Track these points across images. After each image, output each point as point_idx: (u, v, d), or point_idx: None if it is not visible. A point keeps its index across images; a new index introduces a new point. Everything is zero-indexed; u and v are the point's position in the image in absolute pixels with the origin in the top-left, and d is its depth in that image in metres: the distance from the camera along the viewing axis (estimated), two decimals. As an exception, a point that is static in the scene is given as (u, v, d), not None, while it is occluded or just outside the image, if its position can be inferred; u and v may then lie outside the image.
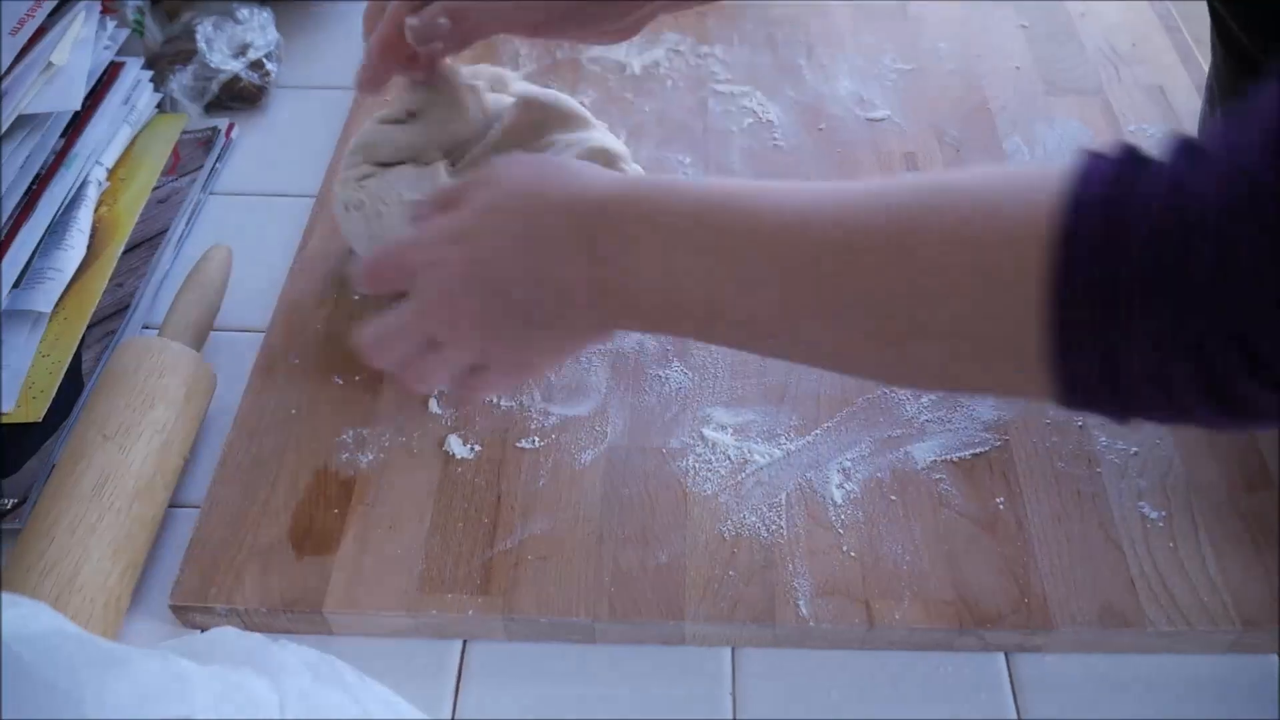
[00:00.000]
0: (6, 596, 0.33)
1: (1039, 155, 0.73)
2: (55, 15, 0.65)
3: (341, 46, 0.85)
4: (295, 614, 0.53)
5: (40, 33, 0.63)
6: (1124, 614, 0.52)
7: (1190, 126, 0.74)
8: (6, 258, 0.62)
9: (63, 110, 0.65)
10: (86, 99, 0.66)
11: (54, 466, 0.55)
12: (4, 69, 0.60)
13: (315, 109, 0.79)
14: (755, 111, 0.77)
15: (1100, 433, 0.58)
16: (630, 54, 0.82)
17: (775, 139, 0.75)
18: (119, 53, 0.72)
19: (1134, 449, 0.58)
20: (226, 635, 0.41)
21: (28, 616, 0.34)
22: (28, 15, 0.63)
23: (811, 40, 0.83)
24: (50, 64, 0.64)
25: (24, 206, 0.64)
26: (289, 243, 0.69)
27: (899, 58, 0.81)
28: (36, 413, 0.59)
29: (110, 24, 0.71)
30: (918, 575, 0.53)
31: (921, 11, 0.85)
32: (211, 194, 0.73)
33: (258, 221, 0.72)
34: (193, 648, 0.40)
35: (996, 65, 0.80)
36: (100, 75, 0.70)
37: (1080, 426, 0.59)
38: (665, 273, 0.43)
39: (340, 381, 0.62)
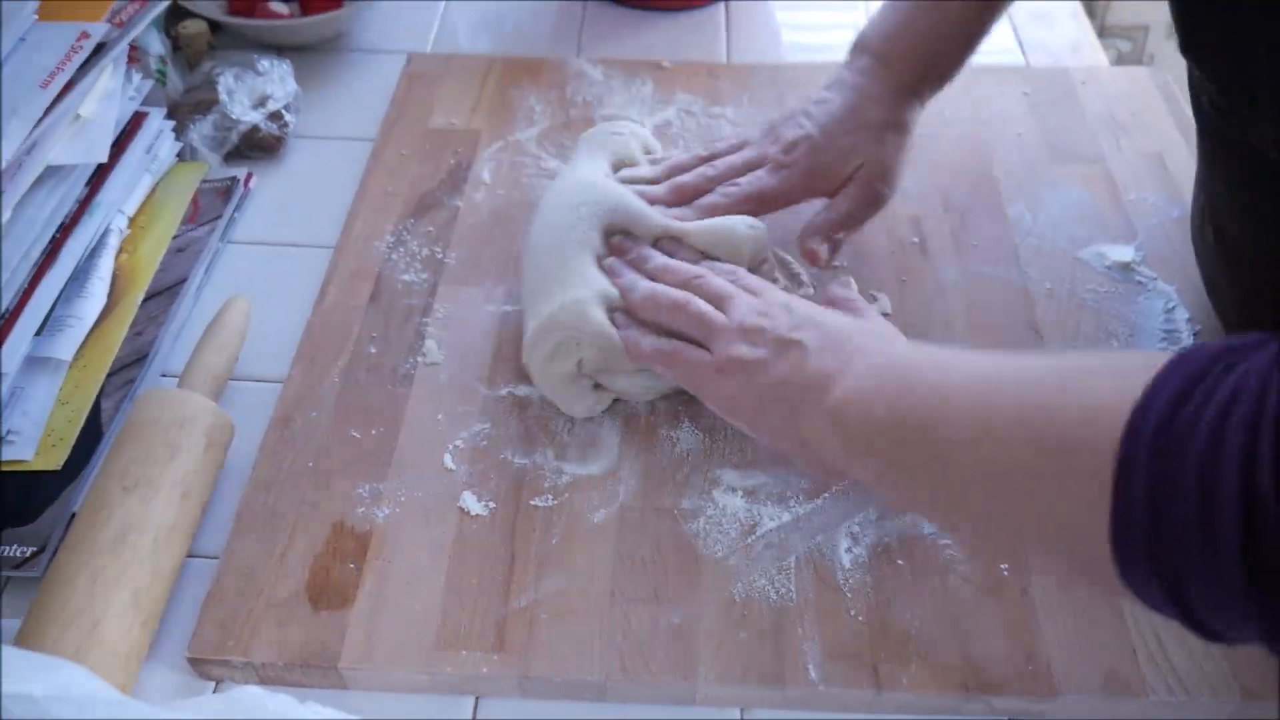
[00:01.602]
0: (50, 659, 0.34)
1: (1042, 221, 0.75)
2: (84, 68, 0.66)
3: (358, 97, 0.86)
4: (311, 669, 0.53)
5: (69, 85, 0.65)
6: (1127, 682, 0.53)
7: (1186, 193, 0.76)
8: (29, 305, 0.62)
9: (90, 162, 0.66)
10: (111, 149, 0.67)
11: (75, 516, 0.55)
12: (35, 122, 0.61)
13: (332, 159, 0.81)
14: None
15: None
16: (643, 113, 0.83)
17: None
18: (142, 103, 0.73)
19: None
20: (252, 696, 0.42)
21: (68, 681, 0.34)
22: (58, 68, 0.64)
23: (820, 102, 0.84)
24: (78, 116, 0.65)
25: (47, 255, 0.64)
26: (305, 293, 0.71)
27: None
28: (56, 461, 0.60)
29: (136, 76, 0.72)
30: (925, 640, 0.54)
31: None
32: (229, 243, 0.74)
33: (275, 271, 0.73)
34: (220, 708, 0.41)
35: (1000, 131, 0.82)
36: (124, 125, 0.71)
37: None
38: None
39: (357, 435, 0.62)
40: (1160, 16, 1.40)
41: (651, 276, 0.62)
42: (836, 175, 0.67)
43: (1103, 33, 0.97)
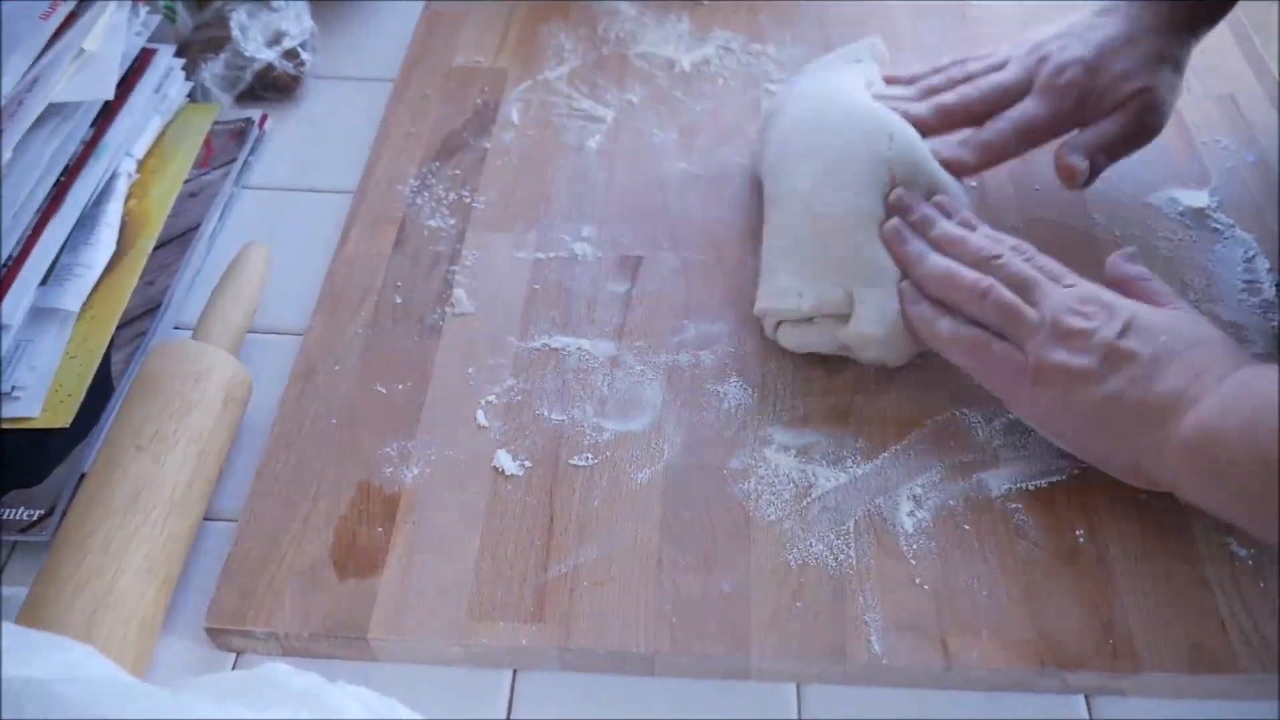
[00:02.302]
0: (55, 639, 0.30)
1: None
2: (87, -1, 0.62)
3: (377, 35, 0.82)
4: (337, 640, 0.50)
5: (71, 18, 0.60)
6: (1215, 657, 0.49)
7: (1262, 137, 0.72)
8: (34, 253, 0.59)
9: (95, 99, 0.61)
10: (117, 87, 0.63)
11: (85, 477, 0.52)
12: (35, 56, 0.57)
13: (351, 101, 0.76)
14: (811, 113, 0.74)
15: (1183, 462, 0.55)
16: (679, 50, 0.79)
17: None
18: (149, 40, 0.69)
19: (1219, 480, 0.55)
20: (278, 673, 0.38)
21: (76, 662, 0.31)
22: (59, -2, 0.60)
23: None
24: (82, 50, 0.61)
25: (51, 199, 0.60)
26: (325, 241, 0.66)
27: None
28: (64, 418, 0.56)
29: (142, 10, 0.68)
30: (995, 611, 0.50)
31: (981, 13, 0.82)
32: (244, 188, 0.70)
33: (292, 218, 0.69)
34: (243, 687, 0.37)
35: (1060, 71, 0.77)
36: (131, 63, 0.67)
37: (1161, 455, 0.56)
38: None
39: (383, 390, 0.59)
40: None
41: (938, 245, 0.57)
42: (1110, 101, 0.62)
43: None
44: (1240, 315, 0.62)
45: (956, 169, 0.62)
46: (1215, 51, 0.78)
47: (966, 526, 0.53)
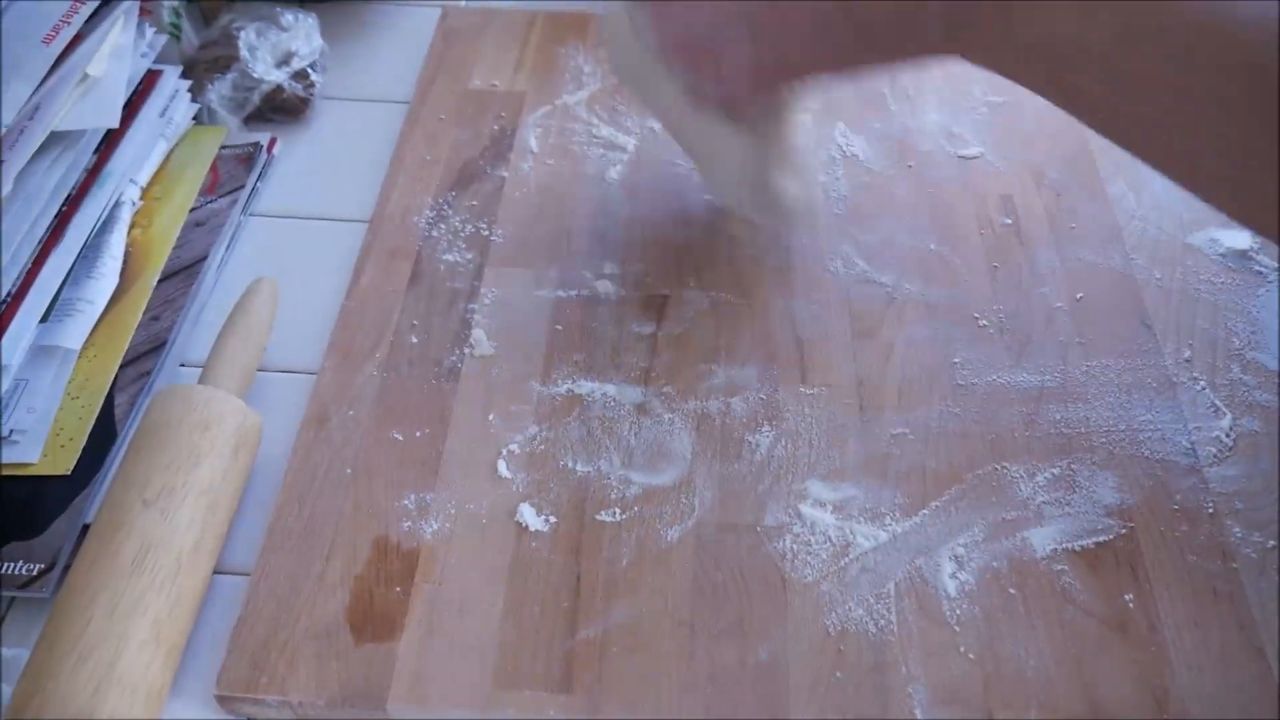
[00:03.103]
0: None
1: (1146, 201, 0.68)
2: (91, 21, 0.59)
3: (390, 54, 0.79)
4: (355, 709, 0.47)
5: (75, 41, 0.57)
6: (1272, 734, 0.47)
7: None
8: (34, 288, 0.56)
9: (100, 128, 0.59)
10: (122, 112, 0.60)
11: (88, 531, 0.49)
12: (38, 82, 0.54)
13: (363, 123, 0.73)
14: (839, 144, 0.71)
15: (1234, 523, 0.53)
16: (702, 75, 0.76)
17: (863, 177, 0.70)
18: (155, 60, 0.66)
19: (1271, 542, 0.53)
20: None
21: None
22: (62, 22, 0.57)
23: (895, 66, 0.77)
24: (86, 76, 0.58)
25: (53, 230, 0.58)
26: (338, 273, 0.64)
27: (989, 89, 0.75)
28: (65, 464, 0.53)
29: (149, 31, 0.65)
30: (1044, 683, 0.48)
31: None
32: (252, 215, 0.67)
33: (303, 248, 0.66)
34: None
35: (1094, 101, 0.75)
36: (136, 85, 0.64)
37: (1211, 514, 0.54)
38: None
39: (400, 437, 0.56)
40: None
41: None
42: None
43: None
44: (1288, 365, 0.60)
45: None
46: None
47: (1012, 590, 0.51)
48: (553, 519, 0.53)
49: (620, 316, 0.62)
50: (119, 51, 0.60)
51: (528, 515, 0.53)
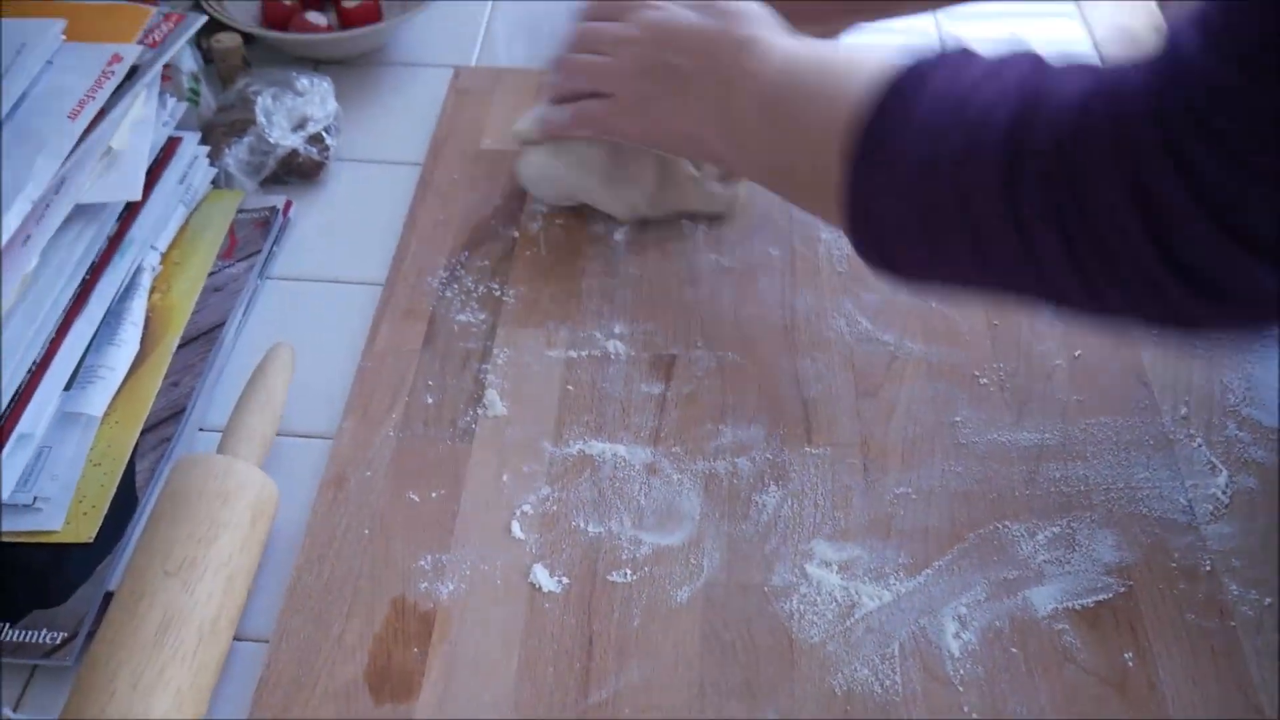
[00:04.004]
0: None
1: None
2: (115, 94, 0.60)
3: (402, 115, 0.81)
4: (375, 771, 0.49)
5: (99, 115, 0.59)
6: (1272, 793, 0.48)
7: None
8: (58, 357, 0.57)
9: (123, 200, 0.60)
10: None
11: (111, 600, 0.50)
12: (64, 157, 0.56)
13: (377, 185, 0.75)
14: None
15: (1231, 580, 0.54)
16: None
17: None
18: (175, 126, 0.68)
19: (1268, 599, 0.54)
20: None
21: None
22: (88, 96, 0.59)
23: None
24: (110, 149, 0.60)
25: (76, 299, 0.59)
26: (353, 335, 0.65)
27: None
28: (88, 532, 0.55)
29: (170, 100, 0.67)
30: (1047, 742, 0.49)
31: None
32: (268, 279, 0.69)
33: (319, 310, 0.68)
34: None
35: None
36: (157, 154, 0.66)
37: (1208, 571, 0.55)
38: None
39: (416, 498, 0.57)
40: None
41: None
42: None
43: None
44: (1283, 422, 0.61)
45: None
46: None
47: (1014, 649, 0.52)
48: (565, 580, 0.54)
49: (629, 376, 0.63)
50: (141, 124, 0.62)
51: (541, 576, 0.54)
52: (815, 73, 0.56)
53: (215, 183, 0.71)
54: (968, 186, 0.47)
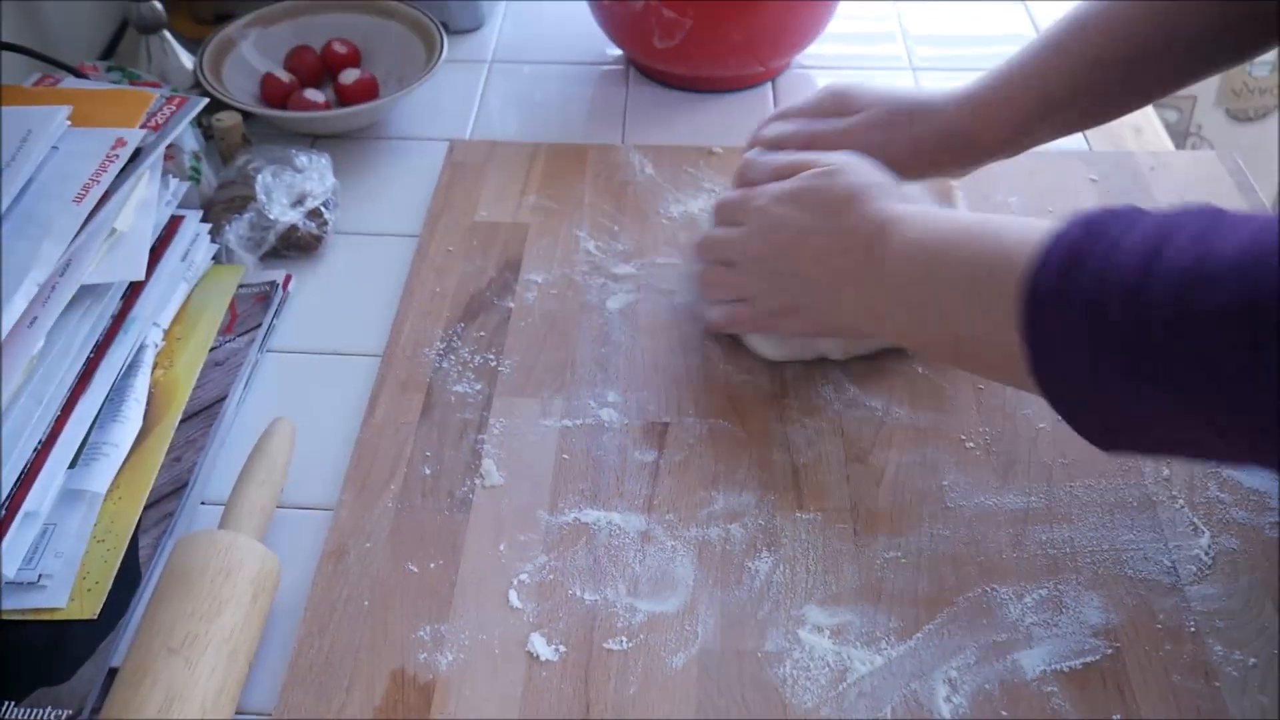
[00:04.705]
0: None
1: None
2: (119, 176, 0.62)
3: (399, 188, 0.83)
4: (376, 846, 0.49)
5: (104, 197, 0.61)
6: None
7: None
8: (63, 435, 0.58)
9: (127, 280, 0.62)
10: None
11: (115, 678, 0.51)
12: (69, 241, 0.58)
13: (374, 257, 0.77)
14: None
15: (1216, 641, 0.55)
16: (696, 204, 0.80)
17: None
18: (177, 205, 0.70)
19: (1252, 660, 0.55)
20: None
21: None
22: (93, 179, 0.61)
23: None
24: (114, 230, 0.61)
25: (81, 378, 0.60)
26: (352, 407, 0.67)
27: (970, 208, 0.79)
28: (92, 609, 0.55)
29: (172, 181, 0.68)
30: (1038, 806, 0.50)
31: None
32: (268, 351, 0.71)
33: (318, 383, 0.69)
34: None
35: (1070, 222, 0.78)
36: (159, 233, 0.68)
37: (1193, 633, 0.56)
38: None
39: (414, 569, 0.58)
40: (1209, 84, 1.37)
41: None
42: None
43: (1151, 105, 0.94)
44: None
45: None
46: (1218, 197, 0.79)
47: (1004, 712, 0.53)
48: (562, 648, 0.55)
49: (623, 444, 0.64)
50: (144, 205, 0.64)
51: (539, 645, 0.55)
52: (962, 245, 0.54)
53: (216, 258, 0.73)
54: (1203, 347, 0.43)
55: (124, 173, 0.63)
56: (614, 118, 0.90)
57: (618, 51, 0.96)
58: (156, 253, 0.67)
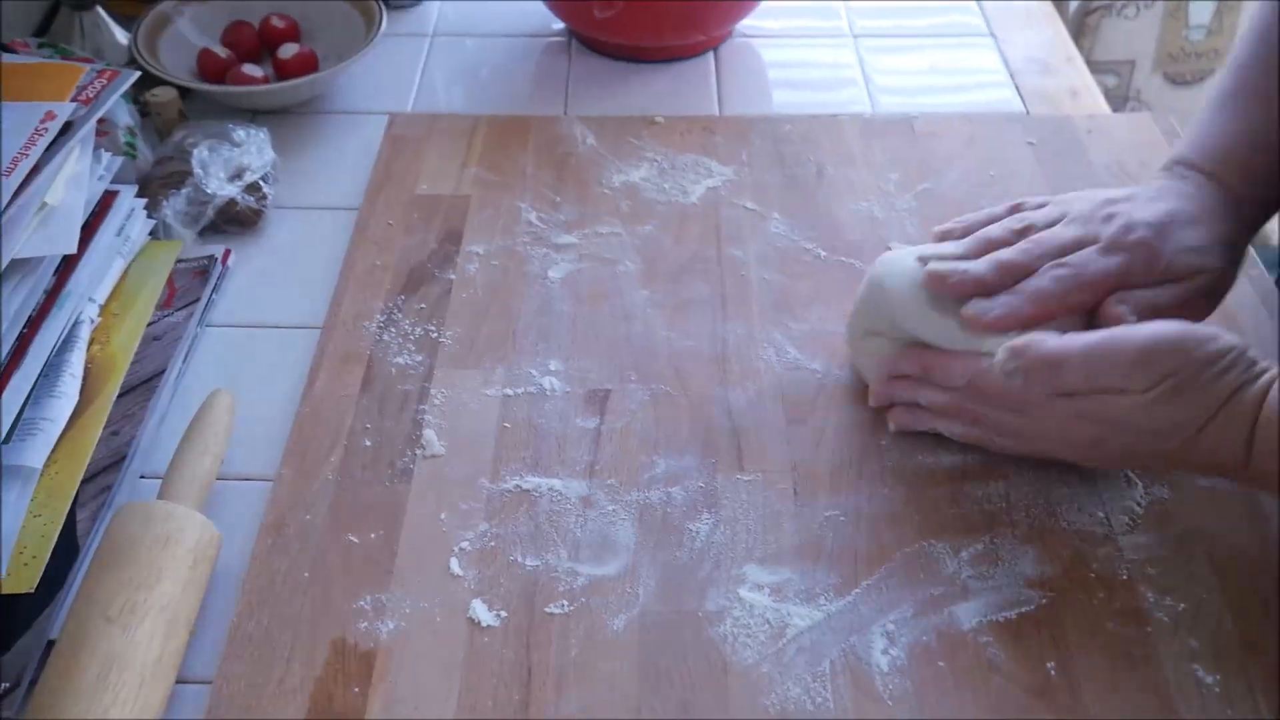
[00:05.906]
0: None
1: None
2: (50, 150, 0.62)
3: (339, 162, 0.82)
4: (317, 811, 0.49)
5: (35, 170, 0.60)
6: (1189, 792, 0.50)
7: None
8: (-3, 411, 0.58)
9: (58, 254, 0.61)
10: (80, 234, 0.63)
11: (53, 649, 0.51)
12: (-2, 214, 0.57)
13: (314, 231, 0.77)
14: (772, 234, 0.75)
15: (1147, 588, 0.57)
16: (639, 175, 0.80)
17: (794, 266, 0.73)
18: (112, 179, 0.69)
19: (1182, 605, 0.56)
20: None
21: None
22: (22, 153, 0.60)
23: (821, 158, 0.81)
24: (45, 204, 0.61)
25: (14, 353, 0.60)
26: (292, 380, 0.66)
27: (910, 176, 0.80)
28: (29, 582, 0.55)
29: (105, 155, 0.68)
30: (973, 752, 0.51)
31: (928, 128, 0.84)
32: (208, 326, 0.70)
33: (258, 356, 0.69)
34: None
35: (1009, 186, 0.79)
36: (94, 207, 0.67)
37: (1125, 581, 0.57)
38: None
39: (355, 540, 0.58)
40: (1146, 49, 1.38)
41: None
42: (1173, 270, 0.61)
43: (1088, 68, 0.95)
44: None
45: (1010, 322, 0.59)
46: (1154, 160, 0.80)
47: (941, 663, 0.54)
48: (503, 613, 0.56)
49: (565, 412, 0.65)
50: (76, 178, 0.63)
51: (480, 611, 0.56)
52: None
53: (154, 234, 0.72)
54: None
55: (54, 146, 0.62)
56: (557, 90, 0.90)
57: (560, 24, 0.96)
58: (90, 228, 0.66)
